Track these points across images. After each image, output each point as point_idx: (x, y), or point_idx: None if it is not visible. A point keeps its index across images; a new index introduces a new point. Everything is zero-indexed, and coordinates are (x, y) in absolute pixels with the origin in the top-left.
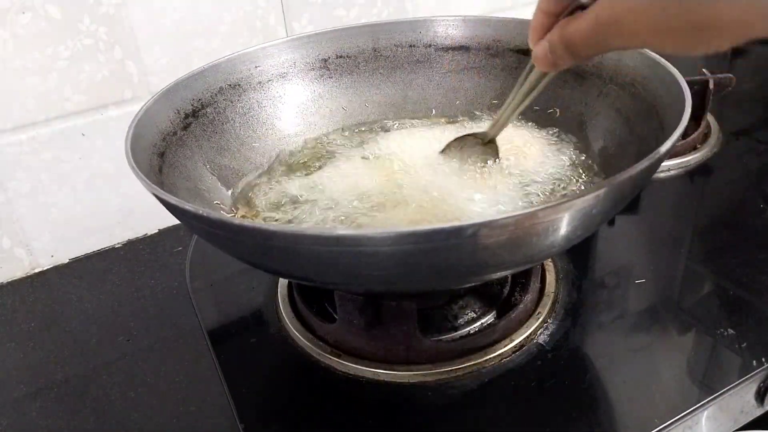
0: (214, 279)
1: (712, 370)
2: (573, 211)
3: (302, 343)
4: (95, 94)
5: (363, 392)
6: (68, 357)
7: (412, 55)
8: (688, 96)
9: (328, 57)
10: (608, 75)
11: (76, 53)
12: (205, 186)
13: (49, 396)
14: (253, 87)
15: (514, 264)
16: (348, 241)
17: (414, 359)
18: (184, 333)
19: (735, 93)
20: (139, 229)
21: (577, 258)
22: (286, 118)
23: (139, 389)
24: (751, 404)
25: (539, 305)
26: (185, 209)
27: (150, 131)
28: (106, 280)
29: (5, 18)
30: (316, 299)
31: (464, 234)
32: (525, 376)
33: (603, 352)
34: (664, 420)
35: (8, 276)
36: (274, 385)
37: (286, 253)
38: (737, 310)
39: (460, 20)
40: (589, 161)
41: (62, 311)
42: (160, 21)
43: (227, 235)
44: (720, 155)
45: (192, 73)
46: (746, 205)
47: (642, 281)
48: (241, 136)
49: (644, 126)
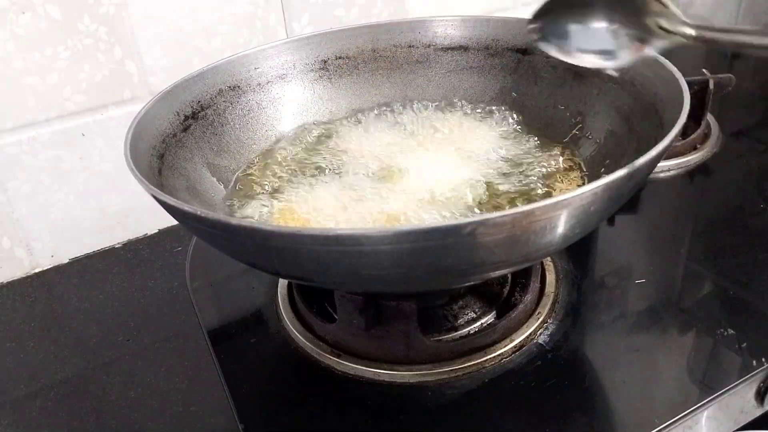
0: (214, 279)
1: (712, 370)
2: (571, 208)
3: (302, 343)
4: (95, 94)
5: (363, 392)
6: (68, 357)
7: (411, 55)
8: (687, 94)
9: (328, 58)
10: (608, 73)
11: (76, 53)
12: (204, 187)
13: (49, 396)
14: (252, 88)
15: (512, 262)
16: (347, 240)
17: (414, 359)
18: (184, 333)
19: (735, 93)
20: (139, 229)
21: (577, 258)
22: (285, 119)
23: (139, 389)
24: (751, 404)
25: (539, 305)
26: (184, 210)
27: (149, 133)
28: (106, 280)
29: (5, 18)
30: (316, 299)
31: (462, 232)
32: (525, 376)
33: (603, 352)
34: (664, 420)
35: (8, 276)
36: (274, 385)
37: (285, 253)
38: (737, 310)
39: (459, 20)
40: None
41: (62, 311)
42: (160, 21)
43: (226, 235)
44: (720, 155)
45: (191, 75)
46: (746, 205)
47: (642, 281)
48: (241, 137)
49: (644, 124)
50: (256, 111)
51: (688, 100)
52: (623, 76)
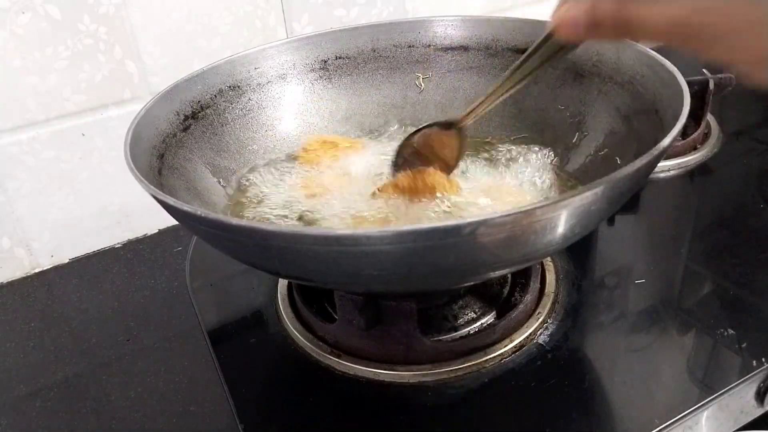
0: (214, 279)
1: (712, 370)
2: (571, 208)
3: (302, 343)
4: (95, 94)
5: (363, 392)
6: (68, 357)
7: (411, 55)
8: (687, 93)
9: (328, 58)
10: (607, 73)
11: (76, 53)
12: (204, 187)
13: (49, 396)
14: (252, 88)
15: (512, 262)
16: (347, 240)
17: (414, 359)
18: (184, 333)
19: (735, 93)
20: (139, 229)
21: (577, 258)
22: (285, 119)
23: (139, 389)
24: (751, 404)
25: (539, 305)
26: (184, 210)
27: (149, 133)
28: (106, 280)
29: (5, 18)
30: (316, 299)
31: (462, 232)
32: (525, 377)
33: (603, 353)
34: (664, 420)
35: (8, 276)
36: (273, 385)
37: (285, 253)
38: (737, 310)
39: (458, 20)
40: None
41: (62, 311)
42: (160, 21)
43: (226, 235)
44: (720, 155)
45: (191, 75)
46: (746, 205)
47: (642, 281)
48: (241, 137)
49: (644, 124)
50: (256, 111)
51: (688, 100)
52: (623, 76)
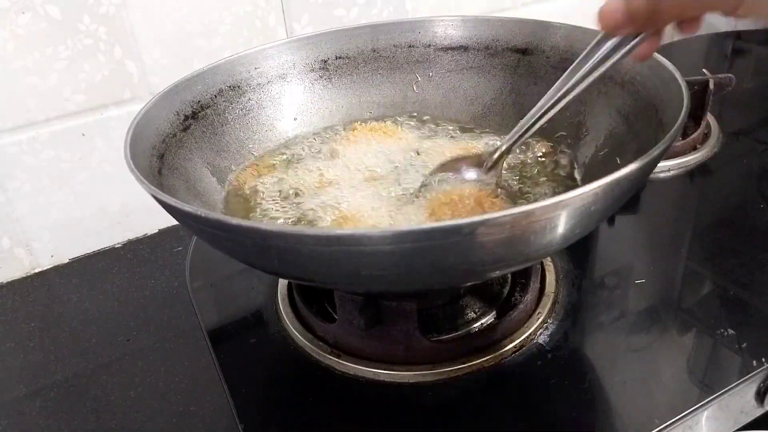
0: (214, 279)
1: (712, 370)
2: (571, 208)
3: (302, 343)
4: (95, 94)
5: (363, 392)
6: (68, 357)
7: (411, 55)
8: (687, 94)
9: (328, 58)
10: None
11: (76, 53)
12: (204, 187)
13: (49, 396)
14: (252, 88)
15: (512, 262)
16: (347, 240)
17: (414, 359)
18: (184, 333)
19: (735, 93)
20: (139, 229)
21: (577, 258)
22: (285, 119)
23: (139, 389)
24: (751, 404)
25: (539, 305)
26: (184, 210)
27: (149, 133)
28: (106, 280)
29: (5, 18)
30: (316, 299)
31: (462, 232)
32: (525, 377)
33: (603, 353)
34: (664, 420)
35: (8, 276)
36: (273, 385)
37: (285, 253)
38: (737, 310)
39: (459, 20)
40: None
41: (62, 311)
42: (160, 21)
43: (226, 235)
44: (720, 155)
45: (191, 75)
46: (746, 205)
47: (642, 281)
48: (241, 137)
49: (644, 125)
50: (256, 111)
51: (688, 100)
52: (623, 76)
